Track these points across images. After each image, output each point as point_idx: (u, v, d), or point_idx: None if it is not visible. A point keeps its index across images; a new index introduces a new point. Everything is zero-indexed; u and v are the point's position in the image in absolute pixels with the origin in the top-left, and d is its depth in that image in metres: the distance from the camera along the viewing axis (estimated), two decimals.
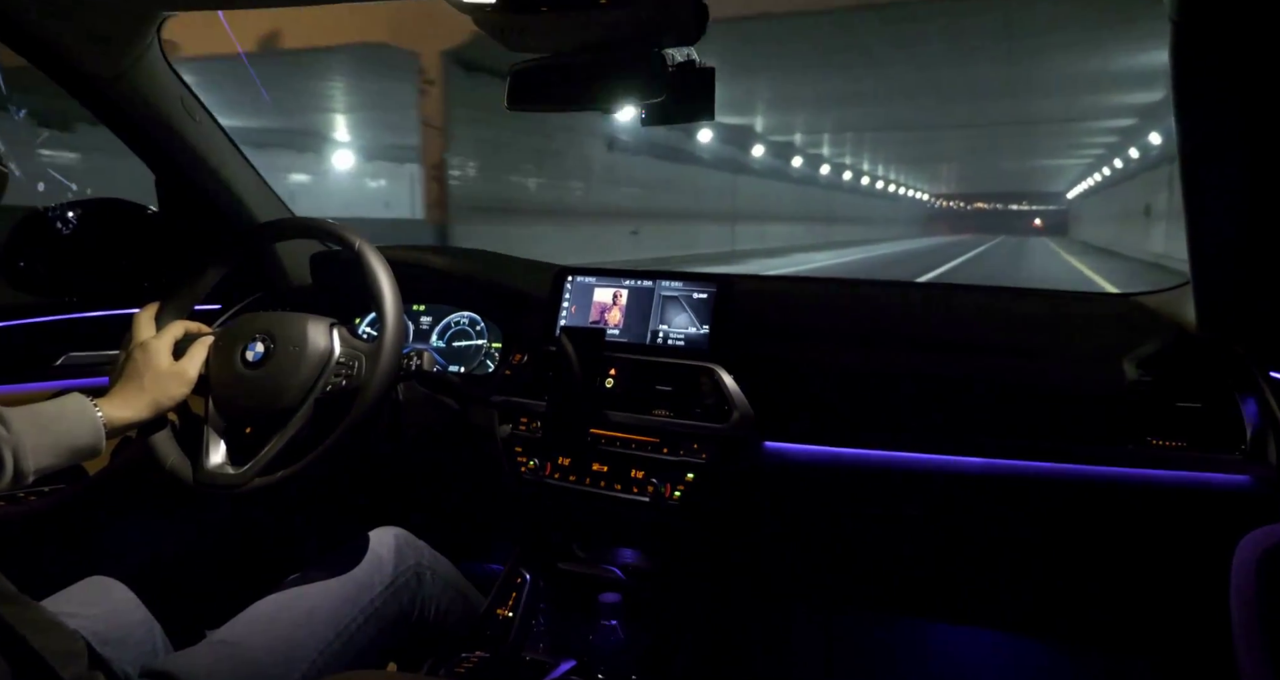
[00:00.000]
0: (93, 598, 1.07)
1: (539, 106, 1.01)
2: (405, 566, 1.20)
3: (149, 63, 1.23)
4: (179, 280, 1.24)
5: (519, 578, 1.38)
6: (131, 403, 1.07)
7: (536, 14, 0.86)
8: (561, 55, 0.96)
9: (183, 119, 1.32)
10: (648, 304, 1.37)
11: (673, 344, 1.34)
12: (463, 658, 1.24)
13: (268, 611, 1.08)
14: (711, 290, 1.34)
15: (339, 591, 1.11)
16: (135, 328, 1.16)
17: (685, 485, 1.25)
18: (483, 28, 0.91)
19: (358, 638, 1.09)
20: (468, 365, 1.52)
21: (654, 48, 0.92)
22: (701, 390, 1.28)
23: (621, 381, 1.32)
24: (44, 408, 0.98)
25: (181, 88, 1.31)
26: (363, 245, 1.18)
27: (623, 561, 1.37)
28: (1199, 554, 1.15)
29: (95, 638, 0.93)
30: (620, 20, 0.88)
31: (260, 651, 1.01)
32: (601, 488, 1.29)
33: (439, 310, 1.56)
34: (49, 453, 0.95)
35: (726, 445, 1.25)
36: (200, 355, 1.15)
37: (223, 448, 1.14)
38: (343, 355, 1.15)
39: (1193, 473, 1.13)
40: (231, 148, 1.44)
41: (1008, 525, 1.36)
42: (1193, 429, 1.15)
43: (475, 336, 1.53)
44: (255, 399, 1.13)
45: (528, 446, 1.35)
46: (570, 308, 1.42)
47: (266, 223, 1.36)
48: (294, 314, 1.21)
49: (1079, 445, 1.19)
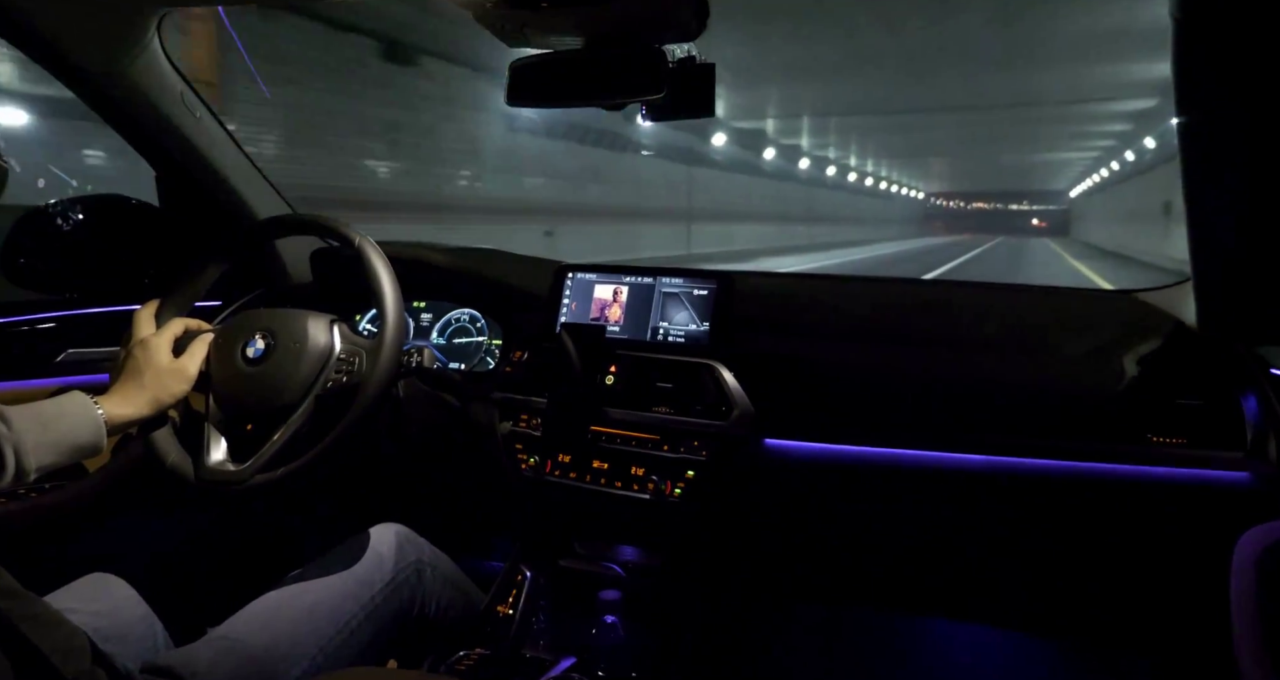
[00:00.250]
0: (94, 594, 1.07)
1: (539, 103, 1.01)
2: (406, 563, 1.20)
3: (149, 58, 1.23)
4: (179, 277, 1.24)
5: (519, 575, 1.38)
6: (132, 400, 1.07)
7: (537, 10, 0.86)
8: (561, 51, 0.96)
9: (183, 115, 1.32)
10: (648, 300, 1.37)
11: (673, 341, 1.34)
12: (463, 655, 1.24)
13: (268, 608, 1.08)
14: (712, 287, 1.34)
15: (340, 588, 1.11)
16: (136, 325, 1.16)
17: (686, 482, 1.25)
18: (482, 23, 0.90)
19: (358, 634, 1.10)
20: (468, 362, 1.52)
21: (654, 44, 0.92)
22: (702, 387, 1.28)
23: (622, 378, 1.32)
24: (45, 406, 0.98)
25: (182, 84, 1.31)
26: (363, 241, 1.18)
27: (623, 559, 1.37)
28: (1199, 551, 1.15)
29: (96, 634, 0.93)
30: (621, 16, 0.88)
31: (261, 648, 1.01)
32: (602, 485, 1.30)
33: (439, 307, 1.56)
34: (50, 450, 0.95)
35: (727, 442, 1.25)
36: (201, 352, 1.15)
37: (224, 445, 1.15)
38: (343, 352, 1.15)
39: (1193, 470, 1.13)
40: (232, 144, 1.44)
41: (1008, 523, 1.36)
42: (1193, 426, 1.14)
43: (476, 333, 1.53)
44: (256, 396, 1.14)
45: (528, 443, 1.35)
46: (570, 304, 1.42)
47: (267, 219, 1.36)
48: (294, 311, 1.21)
49: (1079, 442, 1.19)
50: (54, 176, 3.75)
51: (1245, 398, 1.13)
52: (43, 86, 5.13)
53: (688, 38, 0.92)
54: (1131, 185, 26.71)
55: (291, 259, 1.59)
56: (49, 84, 1.20)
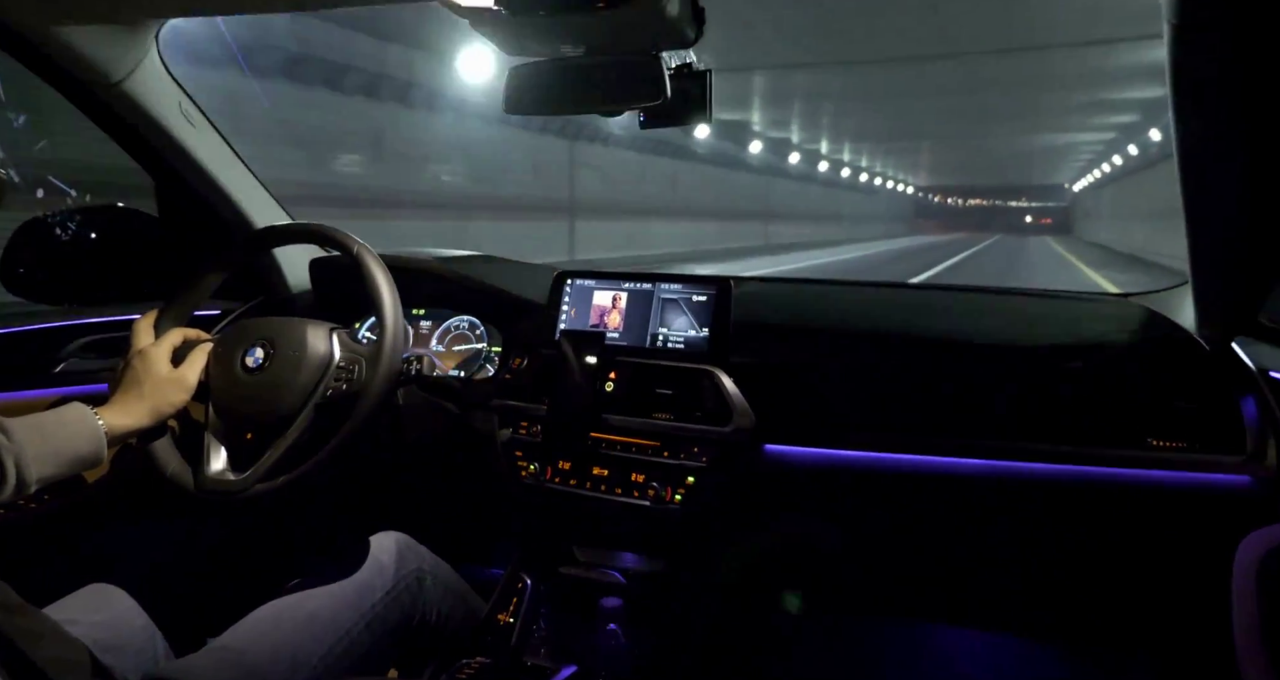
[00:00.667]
0: (94, 605, 1.07)
1: (536, 110, 1.01)
2: (406, 571, 1.20)
3: (147, 69, 1.23)
4: (178, 286, 1.24)
5: (520, 582, 1.37)
6: (132, 410, 1.07)
7: (534, 17, 0.86)
8: (559, 59, 0.96)
9: (182, 125, 1.33)
10: (647, 307, 1.37)
11: (673, 347, 1.34)
12: (464, 663, 1.24)
13: (268, 617, 1.07)
14: (711, 292, 1.34)
15: (340, 597, 1.11)
16: (135, 335, 1.16)
17: (686, 489, 1.25)
18: (479, 30, 0.90)
19: (359, 643, 1.09)
20: (468, 369, 1.52)
21: (652, 51, 0.92)
22: (702, 393, 1.28)
23: (621, 385, 1.32)
24: (45, 417, 0.98)
25: (180, 94, 1.31)
26: (361, 249, 1.18)
27: (623, 565, 1.37)
28: (1200, 555, 1.15)
29: (96, 645, 0.93)
30: (618, 24, 0.88)
31: (261, 658, 1.01)
32: (602, 492, 1.29)
33: (438, 314, 1.56)
34: (51, 462, 0.95)
35: (727, 448, 1.25)
36: (200, 362, 1.15)
37: (223, 454, 1.14)
38: (342, 360, 1.15)
39: (1193, 474, 1.13)
40: (230, 153, 1.44)
41: (1009, 527, 1.36)
42: (1192, 430, 1.14)
43: (475, 340, 1.53)
44: (255, 405, 1.13)
45: (528, 450, 1.35)
46: (570, 311, 1.42)
47: (265, 228, 1.36)
48: (293, 319, 1.21)
49: (1079, 447, 1.19)
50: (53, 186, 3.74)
51: (1244, 401, 1.13)
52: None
53: (685, 44, 0.92)
54: (1149, 176, 22.66)
55: (290, 267, 1.59)
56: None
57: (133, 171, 1.44)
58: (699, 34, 0.91)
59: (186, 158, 1.36)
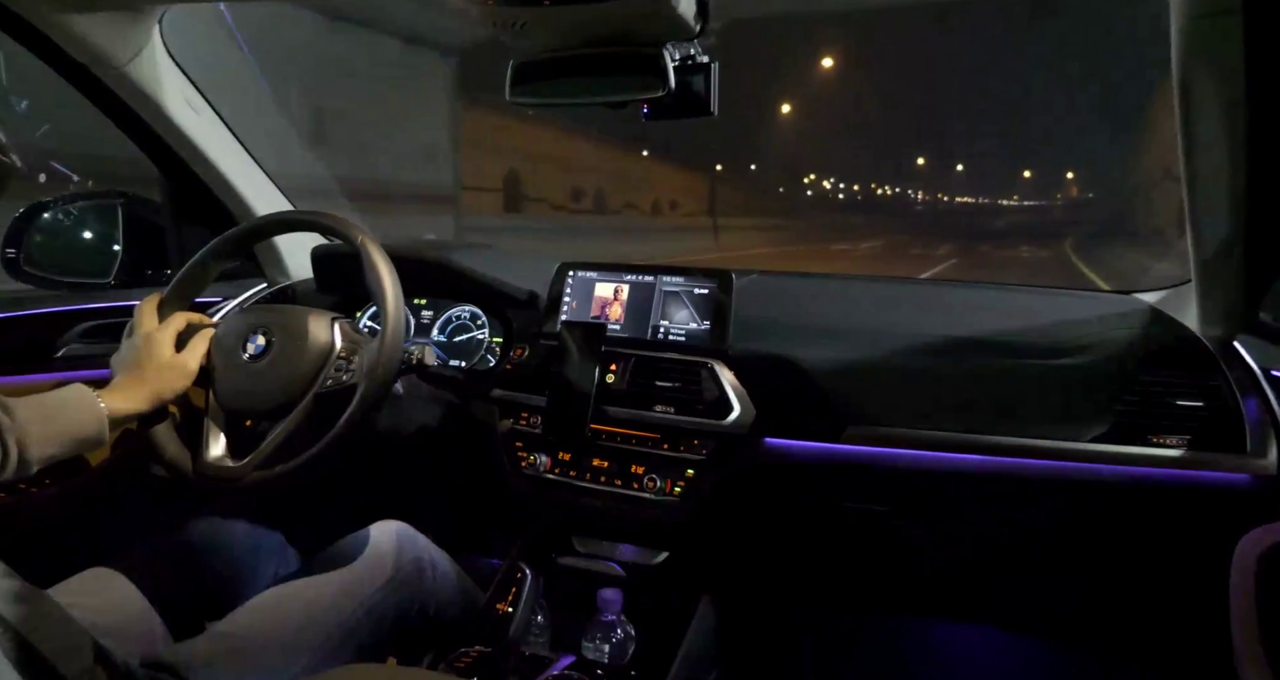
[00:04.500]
0: (94, 589, 1.07)
1: (540, 100, 1.00)
2: (406, 560, 1.20)
3: (150, 56, 1.23)
4: (181, 272, 1.24)
5: (519, 573, 1.38)
6: (133, 394, 1.07)
7: (538, 8, 0.86)
8: (563, 50, 0.96)
9: (185, 112, 1.33)
10: (649, 299, 1.37)
11: (674, 339, 1.34)
12: (462, 652, 1.24)
13: (269, 604, 1.08)
14: (713, 285, 1.34)
15: (340, 584, 1.12)
16: (137, 319, 1.16)
17: (686, 481, 1.25)
18: (483, 21, 0.90)
19: (358, 631, 1.10)
20: (469, 360, 1.52)
21: (656, 43, 0.92)
22: (703, 386, 1.28)
23: (622, 377, 1.32)
24: (47, 398, 0.98)
25: (184, 81, 1.31)
26: (364, 239, 1.18)
27: (622, 557, 1.37)
28: (1199, 553, 1.15)
29: (96, 629, 0.93)
30: (623, 15, 0.88)
31: (260, 643, 1.01)
32: (602, 483, 1.30)
33: (440, 304, 1.56)
34: (53, 442, 0.95)
35: (727, 442, 1.25)
36: (201, 348, 1.15)
37: (223, 440, 1.15)
38: (343, 349, 1.15)
39: (1193, 472, 1.13)
40: (234, 141, 1.44)
41: (1008, 524, 1.36)
42: (1193, 428, 1.14)
43: (476, 330, 1.53)
44: (255, 393, 1.13)
45: (528, 442, 1.35)
46: (571, 302, 1.42)
47: (268, 216, 1.36)
48: (295, 307, 1.21)
49: (1080, 444, 1.19)
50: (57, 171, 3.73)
51: (1245, 400, 1.13)
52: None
53: (689, 36, 0.92)
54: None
55: (292, 255, 1.59)
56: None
57: (137, 159, 1.44)
58: (704, 26, 0.91)
59: (189, 144, 1.35)
